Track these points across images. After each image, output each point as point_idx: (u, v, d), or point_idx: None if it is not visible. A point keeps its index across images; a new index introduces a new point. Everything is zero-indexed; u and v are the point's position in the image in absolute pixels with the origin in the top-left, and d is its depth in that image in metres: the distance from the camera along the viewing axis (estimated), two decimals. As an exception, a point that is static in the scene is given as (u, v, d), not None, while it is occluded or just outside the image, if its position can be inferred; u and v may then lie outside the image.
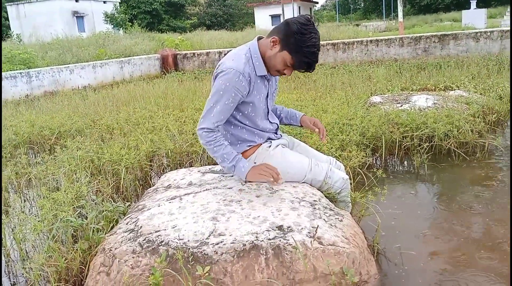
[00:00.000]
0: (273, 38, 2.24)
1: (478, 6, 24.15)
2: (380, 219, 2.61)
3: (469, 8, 21.85)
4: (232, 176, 2.60)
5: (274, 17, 36.24)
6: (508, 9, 18.37)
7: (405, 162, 4.11)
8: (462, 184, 3.55)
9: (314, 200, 2.42)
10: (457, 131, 4.14)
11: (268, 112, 2.54)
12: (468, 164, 3.91)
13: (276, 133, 2.62)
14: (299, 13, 35.54)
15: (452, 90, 6.10)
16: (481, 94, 5.75)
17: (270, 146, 2.53)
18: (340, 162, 2.99)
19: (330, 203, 2.49)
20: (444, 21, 25.95)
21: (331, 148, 3.61)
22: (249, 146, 2.49)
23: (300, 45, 2.17)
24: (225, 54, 11.19)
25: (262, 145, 2.52)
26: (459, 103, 5.04)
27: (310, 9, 41.66)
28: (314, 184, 2.59)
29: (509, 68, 7.88)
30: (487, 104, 5.09)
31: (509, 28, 10.02)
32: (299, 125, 2.74)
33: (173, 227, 2.10)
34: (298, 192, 2.49)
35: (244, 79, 2.24)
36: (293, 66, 2.26)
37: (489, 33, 9.93)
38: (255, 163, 2.48)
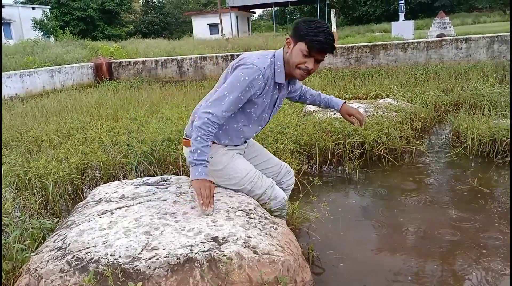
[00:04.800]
0: (287, 39, 2.30)
1: (407, 18, 25.42)
2: (314, 225, 2.66)
3: (398, 19, 22.93)
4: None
5: (212, 26, 36.23)
6: (434, 21, 19.44)
7: (339, 169, 4.23)
8: (392, 188, 3.70)
9: (250, 210, 2.42)
10: (386, 137, 4.33)
11: (267, 120, 2.55)
12: (397, 169, 4.09)
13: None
14: (237, 22, 35.83)
15: (382, 98, 6.36)
16: (408, 102, 6.04)
17: (226, 146, 2.52)
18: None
19: (265, 212, 2.50)
20: (376, 32, 27.03)
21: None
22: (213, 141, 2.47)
23: (308, 29, 2.21)
24: (162, 63, 10.87)
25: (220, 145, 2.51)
26: (388, 111, 5.27)
27: (248, 18, 42.08)
28: (252, 195, 2.59)
29: (434, 77, 8.35)
30: (414, 111, 5.36)
31: (434, 39, 10.62)
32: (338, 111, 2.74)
33: (104, 243, 2.03)
34: (234, 202, 2.49)
35: (262, 79, 2.26)
36: (309, 51, 2.23)
37: (416, 44, 10.46)
38: (211, 158, 2.46)
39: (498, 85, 6.62)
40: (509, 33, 9.95)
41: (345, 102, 2.72)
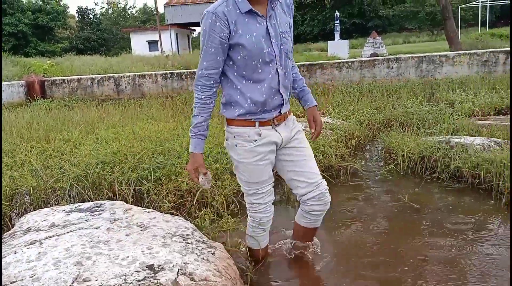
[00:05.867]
0: None
1: (342, 37, 26.45)
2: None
3: (334, 39, 23.80)
4: None
5: (151, 43, 35.76)
6: (367, 41, 20.36)
7: (277, 187, 4.28)
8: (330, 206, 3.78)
9: (187, 234, 2.41)
10: (322, 155, 4.43)
11: (277, 57, 2.32)
12: (333, 187, 4.18)
13: (280, 111, 2.45)
14: (177, 40, 35.69)
15: (319, 117, 6.52)
16: (343, 120, 6.23)
17: (256, 140, 2.36)
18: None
19: (203, 236, 2.49)
20: (313, 51, 27.84)
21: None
22: (239, 115, 2.32)
23: None
24: (98, 81, 10.56)
25: (253, 129, 2.34)
26: (324, 129, 5.41)
27: (188, 36, 42.00)
28: (244, 197, 2.61)
29: (368, 95, 8.69)
30: (348, 129, 5.53)
31: (367, 59, 11.10)
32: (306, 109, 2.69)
33: (31, 277, 1.93)
34: (170, 227, 2.46)
35: (218, 19, 2.15)
36: None
37: (350, 63, 10.88)
38: (234, 137, 2.37)
39: (426, 103, 7.01)
40: (435, 53, 10.60)
41: (316, 106, 2.68)
